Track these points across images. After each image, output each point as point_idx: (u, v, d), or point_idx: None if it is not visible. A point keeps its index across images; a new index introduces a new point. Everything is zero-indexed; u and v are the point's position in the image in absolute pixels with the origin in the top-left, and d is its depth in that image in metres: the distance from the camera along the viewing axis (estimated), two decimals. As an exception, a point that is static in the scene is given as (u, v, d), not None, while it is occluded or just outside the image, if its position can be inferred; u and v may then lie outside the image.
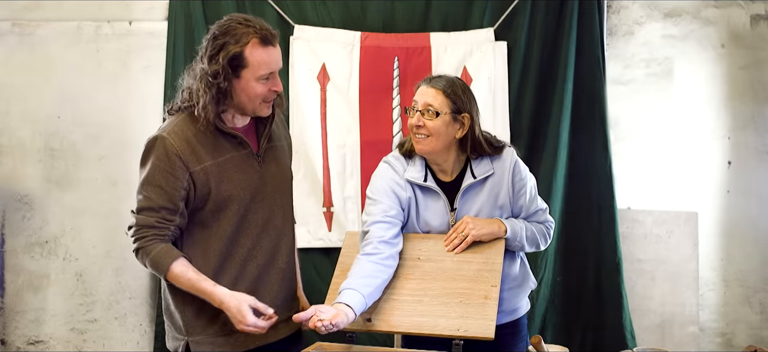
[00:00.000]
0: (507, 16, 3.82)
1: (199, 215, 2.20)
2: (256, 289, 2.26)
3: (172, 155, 2.12)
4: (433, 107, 2.33)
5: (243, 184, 2.21)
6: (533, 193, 2.45)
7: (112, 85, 3.97)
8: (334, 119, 3.85)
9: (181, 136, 2.14)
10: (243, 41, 2.11)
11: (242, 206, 2.21)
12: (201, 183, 2.15)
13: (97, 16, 3.97)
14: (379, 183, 2.42)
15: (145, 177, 2.15)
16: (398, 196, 2.40)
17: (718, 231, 3.92)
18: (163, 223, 2.14)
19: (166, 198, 2.12)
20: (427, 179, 2.40)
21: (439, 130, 2.33)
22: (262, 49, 2.13)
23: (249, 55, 2.12)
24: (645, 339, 3.84)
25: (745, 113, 3.88)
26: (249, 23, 2.15)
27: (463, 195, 2.39)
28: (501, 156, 2.41)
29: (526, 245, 2.44)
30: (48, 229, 4.00)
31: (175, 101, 2.24)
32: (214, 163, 2.16)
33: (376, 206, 2.37)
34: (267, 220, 2.27)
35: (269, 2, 3.84)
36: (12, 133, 4.00)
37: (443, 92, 2.34)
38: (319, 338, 2.48)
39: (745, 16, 3.88)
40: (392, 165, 2.44)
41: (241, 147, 2.22)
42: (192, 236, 2.23)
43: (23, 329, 4.03)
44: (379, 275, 2.27)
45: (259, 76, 2.14)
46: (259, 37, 2.13)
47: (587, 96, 3.80)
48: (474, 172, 2.38)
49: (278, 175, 2.33)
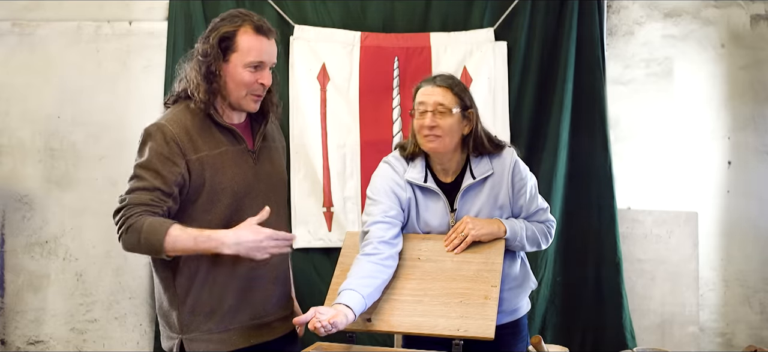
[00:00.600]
0: (507, 16, 3.82)
1: (191, 209, 2.18)
2: (248, 287, 2.25)
3: (170, 141, 2.11)
4: (445, 105, 2.33)
5: (237, 178, 2.20)
6: (533, 192, 2.45)
7: (112, 85, 3.97)
8: (334, 119, 3.85)
9: (179, 124, 2.14)
10: (236, 24, 2.15)
11: (235, 199, 2.20)
12: (196, 173, 2.14)
13: (97, 16, 3.97)
14: (380, 183, 2.42)
15: (142, 162, 2.13)
16: (398, 196, 2.40)
17: (718, 231, 3.92)
18: (157, 202, 2.10)
19: (161, 181, 2.10)
20: (427, 180, 2.40)
21: (452, 127, 2.34)
22: (253, 36, 2.15)
23: (239, 39, 2.14)
24: (645, 339, 3.84)
25: (745, 113, 3.88)
26: (247, 14, 2.19)
27: (463, 196, 2.39)
28: (501, 156, 2.41)
29: (527, 245, 2.44)
30: (48, 229, 4.01)
31: (173, 90, 2.24)
32: (210, 154, 2.16)
33: (376, 206, 2.38)
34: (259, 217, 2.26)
35: (269, 2, 3.84)
36: (12, 133, 4.00)
37: (451, 90, 2.36)
38: (318, 338, 2.48)
39: (745, 16, 3.88)
40: (393, 165, 2.44)
41: (237, 142, 2.22)
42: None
43: (23, 329, 4.03)
44: (378, 275, 2.27)
45: (247, 62, 2.14)
46: (253, 25, 2.16)
47: (587, 96, 3.80)
48: (473, 173, 2.38)
49: (273, 174, 2.32)
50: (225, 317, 2.23)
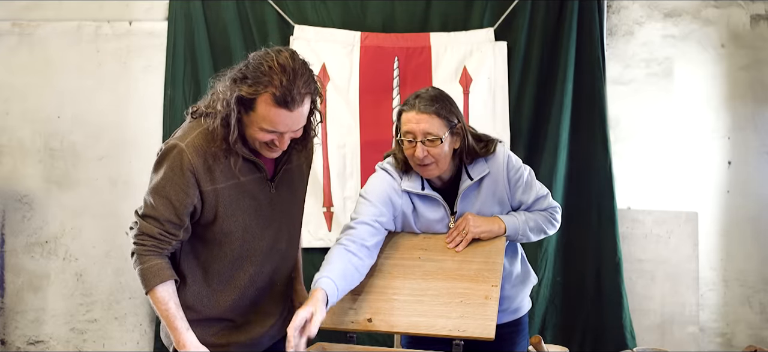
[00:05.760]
0: (507, 16, 3.82)
1: (204, 233, 2.16)
2: (252, 310, 2.25)
3: (186, 170, 2.06)
4: (434, 134, 2.27)
5: (251, 211, 2.16)
6: (530, 181, 2.42)
7: (112, 85, 3.97)
8: (334, 119, 3.85)
9: (198, 150, 2.07)
10: (259, 90, 1.99)
11: (248, 232, 2.16)
12: (209, 205, 2.11)
13: (97, 16, 3.97)
14: (378, 186, 2.38)
15: (155, 185, 2.08)
16: (393, 204, 2.38)
17: (718, 231, 3.92)
18: (165, 236, 2.09)
19: (172, 212, 2.07)
20: (424, 188, 2.38)
21: (444, 152, 2.30)
22: (273, 108, 2.00)
23: (258, 105, 2.01)
24: (645, 339, 3.84)
25: (745, 113, 3.88)
26: (280, 73, 1.98)
27: (463, 198, 2.38)
28: (494, 155, 2.39)
29: (532, 235, 2.42)
30: (48, 229, 4.00)
31: (201, 103, 2.16)
32: (226, 186, 2.11)
33: (368, 207, 2.34)
34: (272, 245, 2.23)
35: (269, 2, 3.84)
36: (12, 133, 4.00)
37: (437, 115, 2.28)
38: (319, 338, 2.47)
39: (745, 16, 3.88)
40: (391, 173, 2.40)
41: (256, 171, 2.16)
42: (194, 252, 2.19)
43: (23, 329, 4.03)
44: (354, 276, 2.24)
45: (262, 127, 2.04)
46: (275, 95, 1.98)
47: (587, 96, 3.80)
48: (470, 175, 2.38)
49: (289, 199, 2.27)
50: (223, 332, 2.23)
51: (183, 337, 2.11)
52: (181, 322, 2.11)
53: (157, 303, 2.10)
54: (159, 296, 2.09)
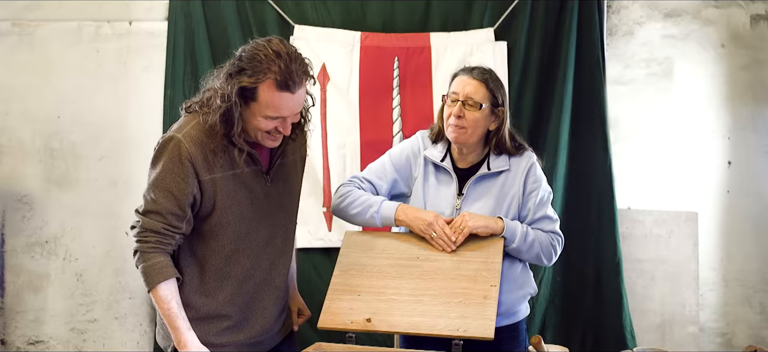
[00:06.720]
0: (507, 16, 3.82)
1: (200, 227, 2.17)
2: (250, 307, 2.25)
3: (185, 160, 2.07)
4: (475, 99, 2.36)
5: (247, 202, 2.18)
6: (545, 199, 2.44)
7: (112, 85, 3.98)
8: (334, 119, 3.85)
9: (195, 141, 2.09)
10: (260, 78, 2.02)
11: (244, 224, 2.18)
12: (208, 194, 2.12)
13: (97, 16, 3.97)
14: (400, 153, 2.51)
15: (155, 179, 2.09)
16: (405, 170, 2.49)
17: (718, 231, 3.92)
18: (169, 230, 2.10)
19: (174, 203, 2.08)
20: (443, 160, 2.45)
21: (478, 122, 2.37)
22: (276, 92, 2.03)
23: (260, 93, 2.04)
24: (645, 339, 3.84)
25: (745, 113, 3.88)
26: (271, 64, 2.02)
27: (475, 182, 2.41)
28: (520, 156, 2.42)
29: (524, 251, 2.40)
30: (48, 229, 4.01)
31: (195, 99, 2.18)
32: (223, 176, 2.13)
33: (381, 176, 2.49)
34: (268, 240, 2.24)
35: (269, 2, 3.84)
36: (12, 133, 4.00)
37: (485, 84, 2.38)
38: (318, 338, 2.48)
39: (745, 16, 3.88)
40: (421, 140, 2.51)
41: (252, 162, 2.18)
42: (191, 248, 2.20)
43: (23, 329, 4.03)
44: None
45: (265, 115, 2.07)
46: (277, 80, 2.02)
47: (587, 96, 3.80)
48: (490, 166, 2.41)
49: (285, 193, 2.29)
50: (223, 331, 2.23)
51: (184, 337, 2.11)
52: (182, 322, 2.11)
53: (159, 302, 2.11)
54: (161, 295, 2.10)
